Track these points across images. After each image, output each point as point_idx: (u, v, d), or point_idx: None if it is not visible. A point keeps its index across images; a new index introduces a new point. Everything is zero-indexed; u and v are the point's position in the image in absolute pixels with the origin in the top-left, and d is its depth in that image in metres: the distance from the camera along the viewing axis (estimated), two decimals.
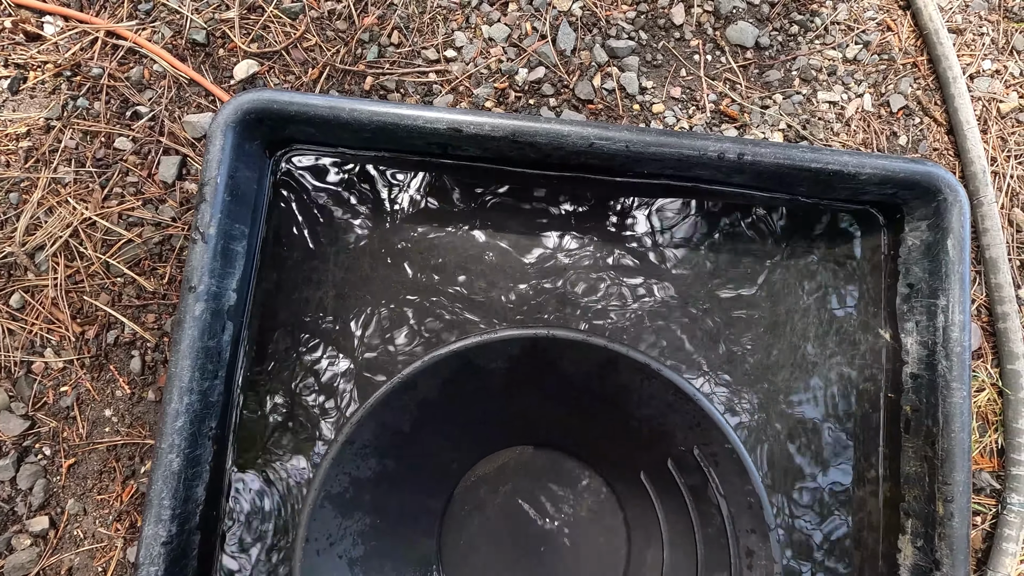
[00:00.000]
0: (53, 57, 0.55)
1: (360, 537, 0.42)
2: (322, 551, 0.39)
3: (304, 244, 0.50)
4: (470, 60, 0.58)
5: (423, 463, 0.46)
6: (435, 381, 0.41)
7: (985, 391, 0.56)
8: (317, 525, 0.39)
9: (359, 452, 0.41)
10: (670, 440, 0.43)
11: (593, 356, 0.41)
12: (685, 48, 0.60)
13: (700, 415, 0.40)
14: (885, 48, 0.62)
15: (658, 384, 0.41)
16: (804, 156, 0.45)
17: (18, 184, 0.53)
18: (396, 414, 0.41)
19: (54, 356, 0.51)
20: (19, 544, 0.49)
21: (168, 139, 0.54)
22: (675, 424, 0.42)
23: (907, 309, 0.49)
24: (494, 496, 0.49)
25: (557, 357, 0.42)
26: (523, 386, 0.45)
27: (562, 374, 0.43)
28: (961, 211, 0.46)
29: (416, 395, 0.41)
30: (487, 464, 0.49)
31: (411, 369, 0.39)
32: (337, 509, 0.40)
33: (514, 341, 0.41)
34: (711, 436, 0.41)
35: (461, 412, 0.45)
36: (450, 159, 0.50)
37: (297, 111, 0.44)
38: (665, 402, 0.41)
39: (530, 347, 0.41)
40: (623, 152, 0.45)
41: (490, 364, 0.42)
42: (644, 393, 0.42)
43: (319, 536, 0.39)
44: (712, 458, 0.41)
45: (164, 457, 0.41)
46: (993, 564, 0.53)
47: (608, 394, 0.44)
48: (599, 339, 0.40)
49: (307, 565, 0.38)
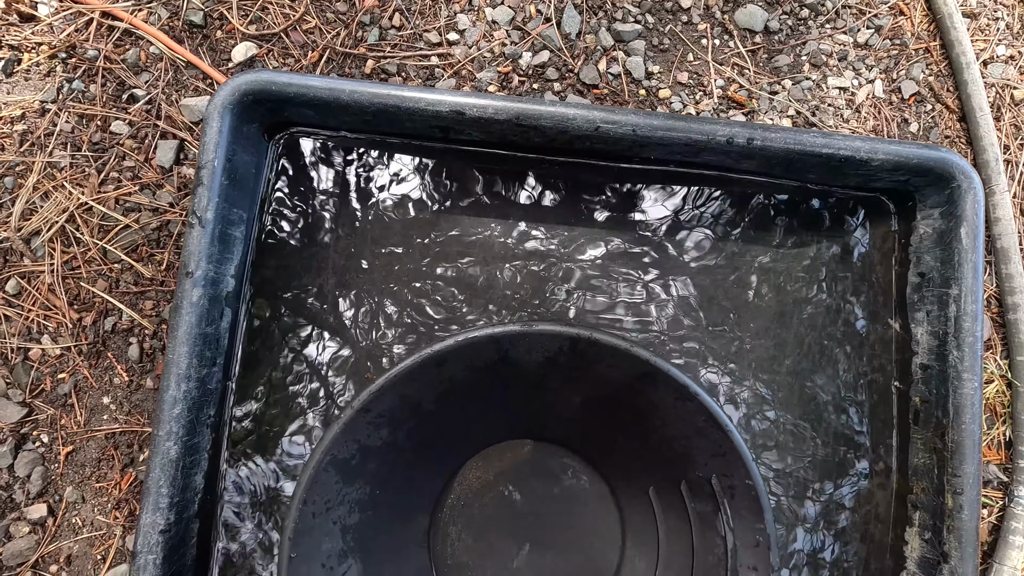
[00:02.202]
0: (47, 39, 0.54)
1: (357, 505, 0.41)
2: (318, 514, 0.38)
3: (303, 230, 0.49)
4: (473, 43, 0.56)
5: (434, 441, 0.45)
6: (464, 363, 0.40)
7: (994, 383, 0.56)
8: (318, 488, 0.38)
9: (373, 421, 0.40)
10: (689, 463, 0.42)
11: (633, 367, 0.40)
12: (693, 32, 0.59)
13: (727, 445, 0.39)
14: (897, 33, 0.61)
15: (692, 407, 0.39)
16: (815, 141, 0.44)
17: (13, 168, 0.52)
18: (419, 388, 0.40)
19: (51, 343, 0.51)
20: (17, 531, 0.49)
21: (165, 123, 0.53)
22: (699, 449, 0.41)
23: (917, 299, 0.48)
24: (494, 483, 0.48)
25: (595, 361, 0.41)
26: (552, 384, 0.44)
27: (596, 379, 0.42)
28: (975, 198, 0.44)
29: (443, 373, 0.40)
30: (495, 452, 0.49)
31: (442, 345, 0.38)
32: (340, 475, 0.39)
33: (554, 337, 0.39)
34: (733, 468, 0.39)
35: (484, 398, 0.44)
36: (452, 143, 0.49)
37: (296, 93, 0.43)
38: (694, 425, 0.40)
39: (569, 347, 0.40)
40: (630, 136, 0.44)
41: (524, 356, 0.41)
42: (674, 413, 0.41)
43: (317, 499, 0.38)
44: (729, 490, 0.40)
45: (162, 445, 0.40)
46: (999, 557, 0.52)
47: (637, 407, 0.42)
48: (643, 351, 0.39)
49: (302, 526, 0.37)
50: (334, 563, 0.40)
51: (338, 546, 0.40)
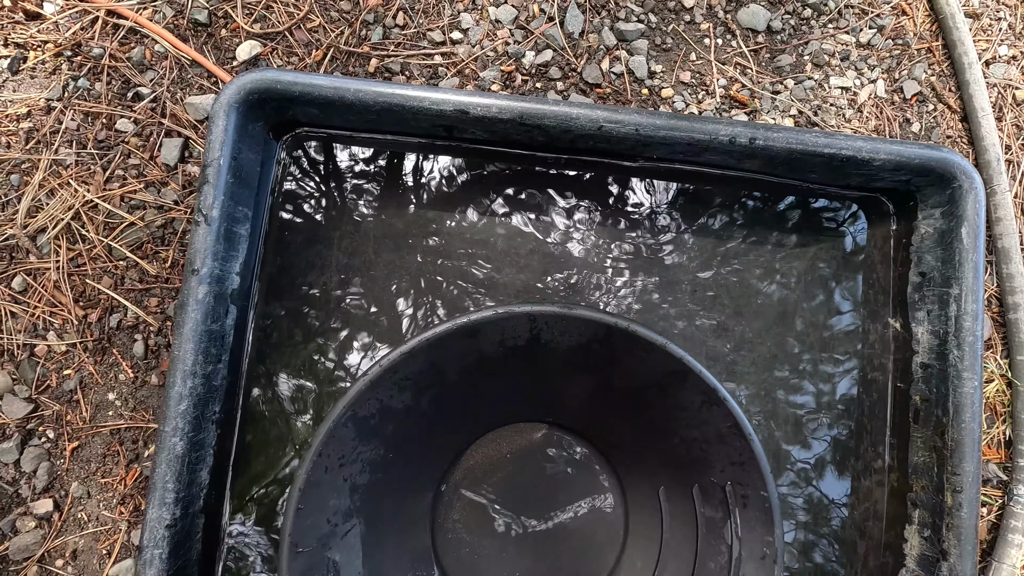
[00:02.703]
0: (53, 37, 0.54)
1: (369, 466, 0.41)
2: (330, 469, 0.38)
3: (307, 228, 0.49)
4: (476, 42, 0.57)
5: (453, 412, 0.45)
6: (496, 337, 0.40)
7: (994, 382, 0.56)
8: (334, 443, 0.38)
9: (398, 382, 0.40)
10: (705, 468, 0.42)
11: (664, 364, 0.39)
12: (695, 31, 0.59)
13: (747, 455, 0.39)
14: (900, 33, 0.61)
15: (718, 412, 0.39)
16: (817, 141, 0.45)
17: (19, 165, 0.53)
18: (448, 357, 0.40)
19: (57, 339, 0.51)
20: (24, 526, 0.49)
21: (170, 121, 0.54)
22: (717, 454, 0.41)
23: (918, 298, 0.48)
24: (504, 463, 0.48)
25: (626, 353, 0.40)
26: (577, 370, 0.43)
27: (625, 371, 0.42)
28: (976, 198, 0.45)
29: (474, 344, 0.40)
30: (509, 431, 0.49)
31: (478, 316, 0.38)
32: (358, 432, 0.39)
33: (590, 323, 0.39)
34: (750, 478, 0.39)
35: (508, 377, 0.44)
36: (456, 142, 0.49)
37: (301, 92, 0.43)
38: (717, 431, 0.40)
39: (604, 335, 0.39)
40: (633, 135, 0.44)
41: (557, 338, 0.41)
42: (699, 416, 0.41)
43: (332, 454, 0.38)
44: (743, 499, 0.40)
45: (168, 440, 0.40)
46: (998, 555, 0.53)
47: (661, 405, 0.42)
48: (678, 349, 0.38)
49: (313, 479, 0.37)
50: (339, 520, 0.40)
51: (345, 504, 0.40)
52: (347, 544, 0.40)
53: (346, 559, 0.40)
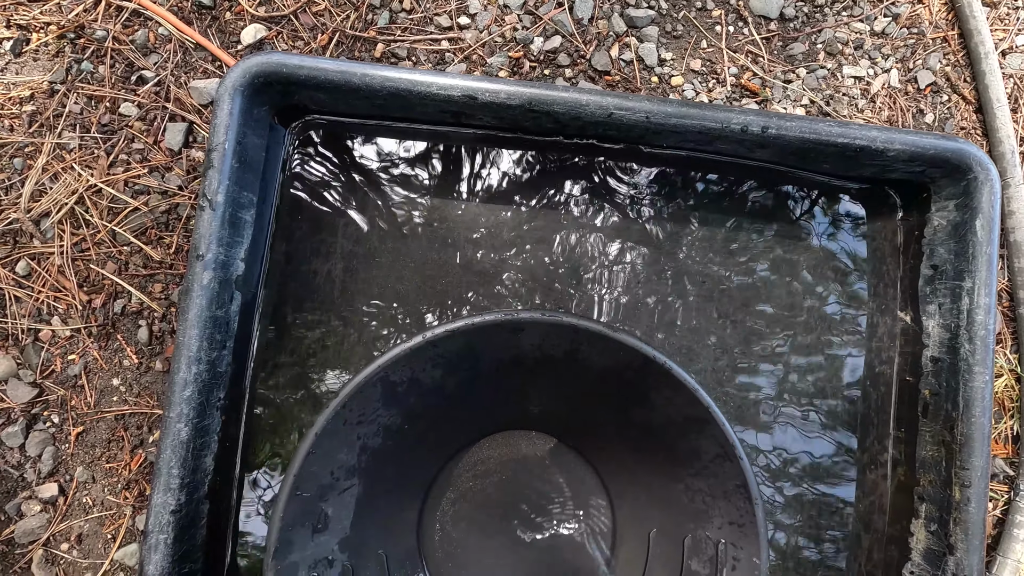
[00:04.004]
0: (56, 18, 0.54)
1: (384, 431, 0.41)
2: (348, 422, 0.38)
3: (312, 215, 0.49)
4: (484, 28, 0.56)
5: (477, 401, 0.45)
6: (537, 340, 0.40)
7: (1003, 377, 0.55)
8: (359, 399, 0.38)
9: (434, 358, 0.40)
10: (703, 521, 0.42)
11: (690, 408, 0.39)
12: (707, 18, 0.58)
13: (749, 518, 0.38)
14: (915, 21, 0.60)
15: (730, 468, 0.39)
16: (831, 130, 0.44)
17: (22, 149, 0.52)
18: (487, 346, 0.40)
19: (61, 324, 0.51)
20: (29, 510, 0.50)
21: (174, 105, 0.53)
22: (719, 511, 0.40)
23: (929, 291, 0.48)
24: (506, 466, 0.48)
25: (655, 388, 0.40)
26: (598, 396, 0.43)
27: (649, 404, 0.41)
28: (992, 190, 0.44)
29: (514, 340, 0.40)
30: (520, 436, 0.48)
31: (527, 315, 0.38)
32: (384, 395, 0.39)
33: (630, 350, 0.38)
34: (746, 542, 0.39)
35: (537, 382, 0.44)
36: (464, 128, 0.49)
37: (307, 75, 0.43)
38: (724, 487, 0.40)
39: (640, 365, 0.39)
40: (643, 123, 0.43)
41: (592, 359, 0.40)
42: (710, 468, 0.40)
43: (354, 408, 0.38)
44: (733, 561, 0.40)
45: (173, 426, 0.40)
46: (1003, 550, 0.52)
47: (677, 449, 0.42)
48: (706, 396, 0.38)
49: (331, 426, 0.37)
50: (341, 475, 0.40)
51: (352, 461, 0.40)
52: (342, 501, 0.40)
53: (337, 515, 0.40)
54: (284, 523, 0.36)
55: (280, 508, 0.36)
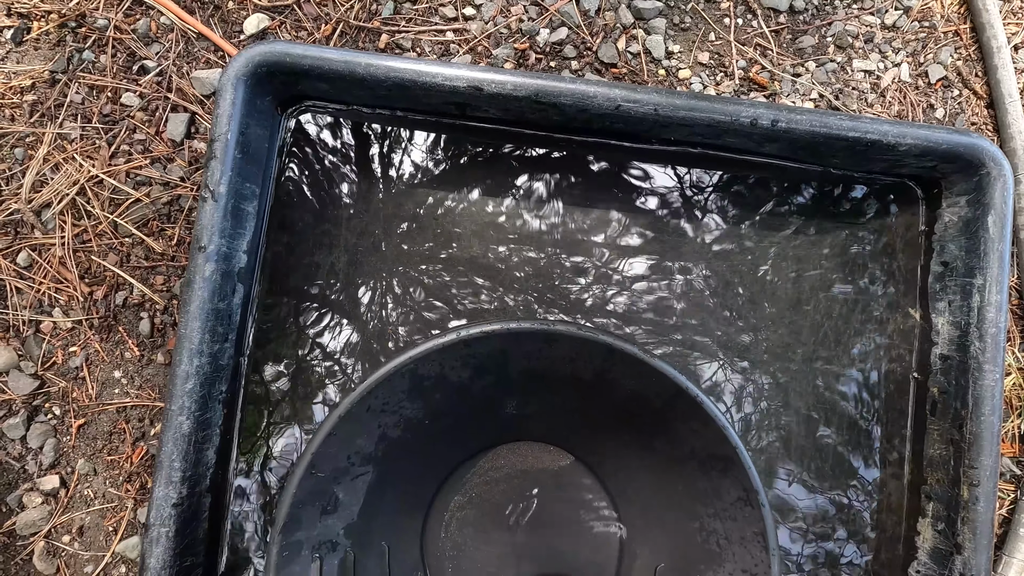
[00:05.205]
0: (57, 7, 0.53)
1: (405, 423, 0.41)
2: (372, 409, 0.38)
3: (316, 207, 0.48)
4: (489, 19, 0.55)
5: (500, 406, 0.44)
6: (570, 354, 0.39)
7: (1011, 375, 0.55)
8: (386, 387, 0.37)
9: (464, 358, 0.39)
10: (715, 565, 0.41)
11: (716, 446, 0.38)
12: (715, 10, 0.57)
13: (764, 569, 0.37)
14: (926, 15, 0.59)
15: (751, 515, 0.38)
16: (841, 124, 0.43)
17: (23, 139, 0.52)
18: (518, 352, 0.40)
19: (62, 316, 0.51)
20: (30, 502, 0.49)
21: (176, 95, 0.53)
22: (734, 556, 0.39)
23: (940, 288, 0.47)
24: (520, 477, 0.48)
25: (682, 419, 0.39)
26: (629, 419, 0.42)
27: (673, 436, 0.41)
28: (1004, 186, 0.43)
29: (546, 352, 0.40)
30: (537, 448, 0.48)
31: (563, 328, 0.38)
32: (410, 387, 0.39)
33: (663, 378, 0.37)
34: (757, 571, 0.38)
35: (564, 398, 0.43)
36: (468, 120, 0.48)
37: (311, 65, 0.42)
38: (741, 533, 0.38)
39: (671, 394, 0.38)
40: (651, 116, 0.43)
41: (621, 381, 0.40)
42: (730, 511, 0.39)
43: (379, 395, 0.38)
44: None
45: (174, 419, 0.40)
46: (1009, 549, 0.52)
47: (697, 486, 0.41)
48: (734, 435, 0.37)
49: (355, 411, 0.37)
50: (356, 461, 0.40)
51: (369, 448, 0.40)
52: (354, 487, 0.40)
53: (347, 500, 0.40)
54: (296, 499, 0.36)
55: (294, 484, 0.36)
